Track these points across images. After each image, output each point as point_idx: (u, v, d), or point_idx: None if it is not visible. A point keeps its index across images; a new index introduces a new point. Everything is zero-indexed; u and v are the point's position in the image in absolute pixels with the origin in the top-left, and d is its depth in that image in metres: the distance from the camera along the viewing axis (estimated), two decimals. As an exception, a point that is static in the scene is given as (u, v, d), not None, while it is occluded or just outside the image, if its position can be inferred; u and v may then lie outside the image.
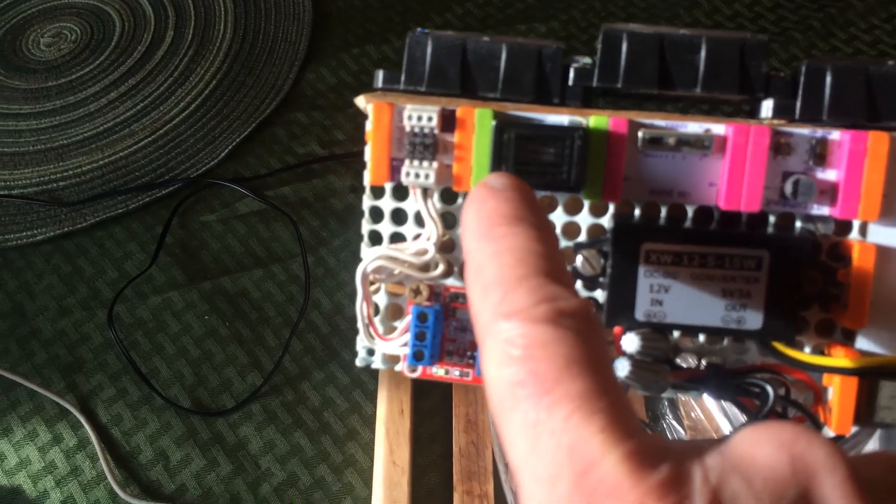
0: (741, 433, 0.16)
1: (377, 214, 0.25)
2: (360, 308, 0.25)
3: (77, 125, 0.82)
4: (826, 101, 0.23)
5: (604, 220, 0.24)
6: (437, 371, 0.26)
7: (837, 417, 0.23)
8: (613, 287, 0.23)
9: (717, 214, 0.23)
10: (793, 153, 0.23)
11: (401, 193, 0.25)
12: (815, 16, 0.86)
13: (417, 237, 0.25)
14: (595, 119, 0.22)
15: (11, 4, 0.94)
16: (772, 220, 0.23)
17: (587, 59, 0.24)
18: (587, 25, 0.87)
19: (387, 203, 0.25)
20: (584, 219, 0.24)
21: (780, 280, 0.22)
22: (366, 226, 0.25)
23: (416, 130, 0.23)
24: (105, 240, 0.74)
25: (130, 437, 0.63)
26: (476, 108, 0.23)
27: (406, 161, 0.24)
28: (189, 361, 0.66)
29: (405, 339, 0.25)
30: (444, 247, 0.25)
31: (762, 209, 0.23)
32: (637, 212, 0.23)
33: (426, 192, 0.24)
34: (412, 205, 0.25)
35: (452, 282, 0.25)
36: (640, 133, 0.23)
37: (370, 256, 0.25)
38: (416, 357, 0.25)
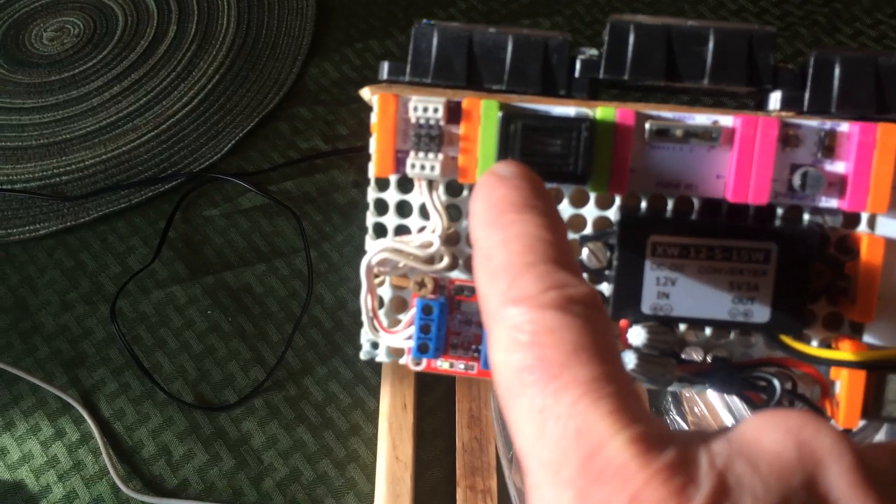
0: (748, 420, 0.16)
1: (382, 207, 0.25)
2: (365, 301, 0.25)
3: (80, 119, 0.82)
4: (835, 93, 0.23)
5: (610, 213, 0.24)
6: (442, 364, 0.26)
7: (845, 411, 0.23)
8: (620, 280, 0.23)
9: (725, 207, 0.23)
10: (801, 145, 0.22)
11: (406, 186, 0.25)
12: (821, 11, 0.85)
13: (422, 230, 0.25)
14: (602, 110, 0.22)
15: (14, -1, 0.94)
16: (779, 213, 0.23)
17: (594, 51, 0.24)
18: (591, 21, 0.87)
19: (392, 195, 0.25)
20: (590, 211, 0.24)
21: (788, 273, 0.22)
22: (370, 218, 0.25)
23: (422, 122, 0.23)
24: (108, 234, 0.74)
25: (133, 432, 0.63)
26: (482, 100, 0.23)
27: (411, 153, 0.23)
28: (192, 356, 0.66)
29: (409, 332, 0.25)
30: (450, 239, 0.25)
31: (770, 202, 0.22)
32: (644, 204, 0.23)
33: (431, 185, 0.24)
34: (417, 197, 0.25)
35: (457, 274, 0.25)
36: (647, 125, 0.22)
37: (375, 249, 0.25)
38: (421, 350, 0.25)
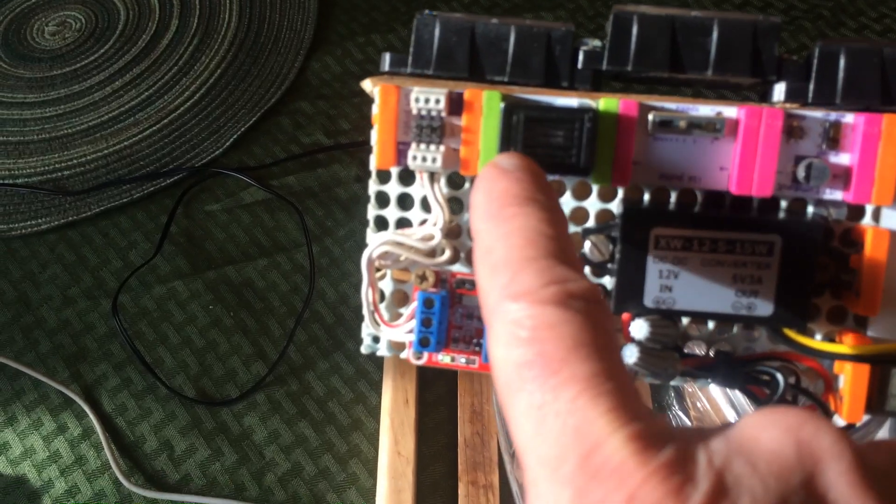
0: (747, 417, 0.16)
1: (383, 199, 0.25)
2: (366, 294, 0.25)
3: (81, 114, 0.82)
4: (840, 84, 0.23)
5: (613, 205, 0.24)
6: (443, 358, 0.26)
7: (848, 406, 0.22)
8: (622, 273, 0.23)
9: (728, 199, 0.23)
10: (806, 137, 0.22)
11: (407, 178, 0.24)
12: (825, 4, 0.85)
13: (424, 222, 0.25)
14: (605, 102, 0.22)
15: (16, -7, 0.94)
16: (783, 205, 0.23)
17: (597, 42, 0.24)
18: (595, 14, 0.86)
19: (393, 188, 0.25)
20: (593, 204, 0.24)
21: (792, 266, 0.22)
22: (371, 211, 0.25)
23: (424, 113, 0.23)
24: (109, 229, 0.74)
25: (135, 427, 0.63)
26: (484, 91, 0.22)
27: (413, 145, 0.23)
28: (193, 351, 0.66)
29: (411, 326, 0.25)
30: (451, 232, 0.25)
31: (774, 194, 0.22)
32: (647, 196, 0.23)
33: (433, 177, 0.24)
34: (418, 189, 0.24)
35: (459, 268, 0.25)
36: (651, 116, 0.22)
37: (376, 242, 0.24)
38: (422, 344, 0.25)
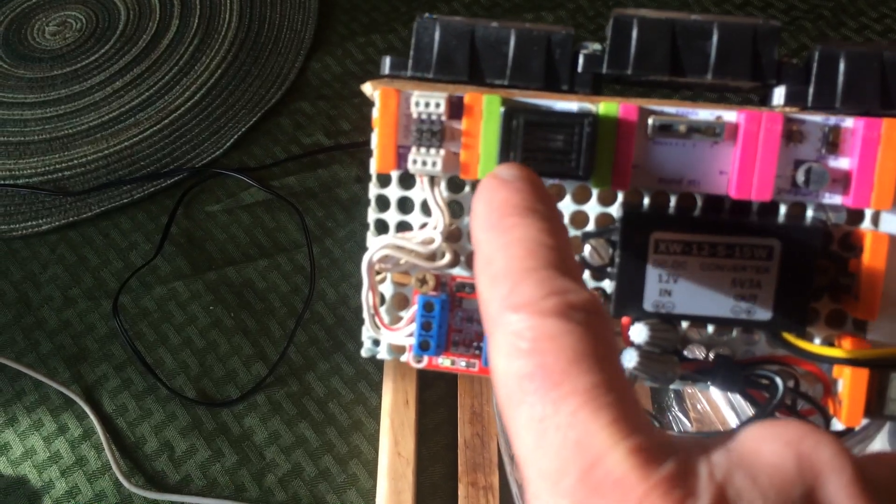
0: (748, 430, 0.16)
1: (383, 203, 0.25)
2: (366, 298, 0.25)
3: (82, 114, 0.82)
4: (839, 88, 0.23)
5: (612, 209, 0.24)
6: (443, 361, 0.26)
7: (847, 410, 0.22)
8: (622, 277, 0.23)
9: (728, 203, 0.23)
10: (805, 141, 0.22)
11: (407, 182, 0.24)
12: (826, 4, 0.85)
13: (424, 226, 0.25)
14: (605, 106, 0.22)
15: (16, -7, 0.94)
16: (783, 210, 0.23)
17: (597, 46, 0.24)
18: (595, 14, 0.86)
19: (393, 191, 0.25)
20: (593, 207, 0.24)
21: (791, 270, 0.22)
22: (372, 214, 0.25)
23: (424, 117, 0.23)
24: (110, 230, 0.74)
25: (135, 428, 0.63)
26: (484, 95, 0.23)
27: (413, 148, 0.23)
28: (194, 352, 0.66)
29: (411, 329, 0.25)
30: (451, 236, 0.25)
31: (773, 198, 0.22)
32: (646, 200, 0.23)
33: (433, 181, 0.24)
34: (419, 193, 0.24)
35: (459, 271, 0.25)
36: (651, 120, 0.22)
37: (376, 245, 0.24)
38: (422, 347, 0.25)
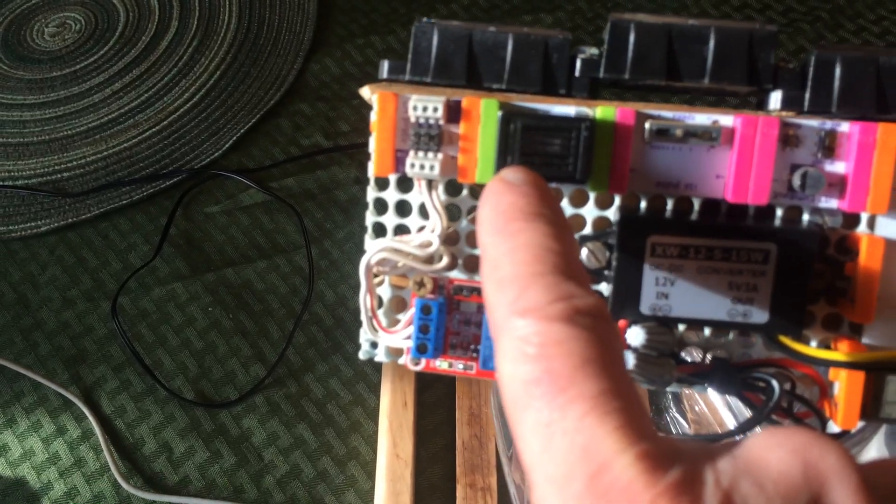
0: (754, 437, 0.16)
1: (381, 206, 0.25)
2: (364, 300, 0.25)
3: (81, 115, 0.82)
4: (835, 93, 0.23)
5: (609, 213, 0.24)
6: (441, 364, 0.26)
7: (843, 412, 0.23)
8: (619, 280, 0.23)
9: (724, 207, 0.23)
10: (801, 145, 0.22)
11: (405, 185, 0.25)
12: (824, 6, 0.85)
13: (422, 229, 0.25)
14: (602, 110, 0.22)
15: (16, -6, 0.94)
16: (779, 213, 0.23)
17: (594, 50, 0.24)
18: (594, 16, 0.86)
19: (391, 195, 0.25)
20: (590, 211, 0.24)
21: (788, 274, 0.22)
22: (370, 217, 0.25)
23: (422, 121, 0.23)
24: (109, 231, 0.74)
25: (134, 429, 0.63)
26: (482, 99, 0.23)
27: (411, 152, 0.23)
28: (192, 353, 0.66)
29: (408, 332, 0.25)
30: (449, 239, 0.25)
31: (770, 202, 0.22)
32: (643, 204, 0.23)
33: (431, 184, 0.24)
34: (416, 196, 0.24)
35: (456, 274, 0.25)
36: (647, 124, 0.22)
37: (374, 248, 0.25)
38: (420, 350, 0.25)
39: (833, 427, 0.23)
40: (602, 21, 0.85)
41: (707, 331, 0.24)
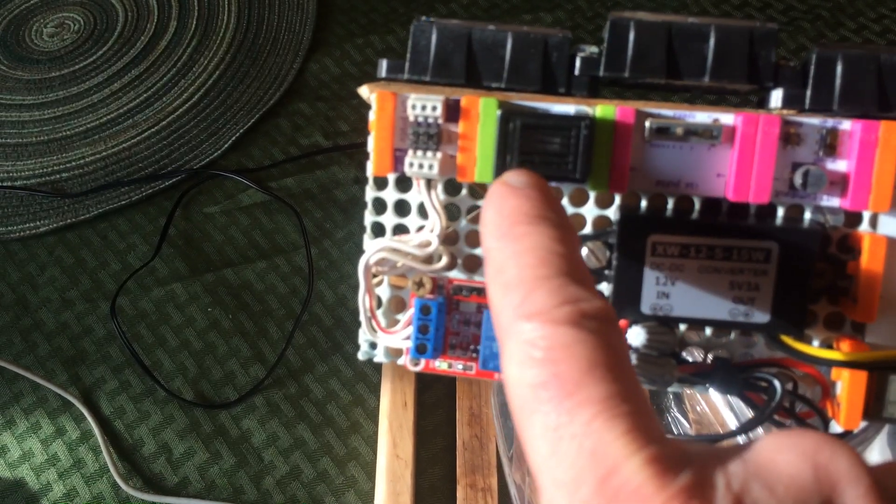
0: (764, 440, 0.16)
1: (380, 206, 0.25)
2: (363, 301, 0.25)
3: (80, 116, 0.82)
4: (837, 91, 0.23)
5: (610, 212, 0.24)
6: (440, 365, 0.26)
7: (846, 412, 0.22)
8: (619, 280, 0.23)
9: (725, 206, 0.23)
10: (802, 143, 0.22)
11: (404, 184, 0.24)
12: (824, 5, 0.85)
13: (421, 229, 0.25)
14: (602, 108, 0.22)
15: (14, -5, 0.94)
16: (780, 212, 0.23)
17: (594, 48, 0.24)
18: (593, 15, 0.86)
19: (390, 194, 0.25)
20: (590, 210, 0.24)
21: (789, 273, 0.22)
22: (368, 217, 0.25)
23: (420, 120, 0.23)
24: (108, 231, 0.74)
25: (133, 430, 0.63)
26: (481, 97, 0.22)
27: (409, 151, 0.23)
28: (192, 354, 0.66)
29: (408, 333, 0.25)
30: (448, 239, 0.25)
31: (771, 200, 0.22)
32: (644, 203, 0.23)
33: (430, 183, 0.24)
34: (415, 196, 0.24)
35: (456, 274, 0.25)
36: (648, 123, 0.22)
37: (373, 248, 0.24)
38: (419, 350, 0.25)
39: (835, 427, 0.23)
40: (602, 20, 0.85)
41: (708, 330, 0.24)
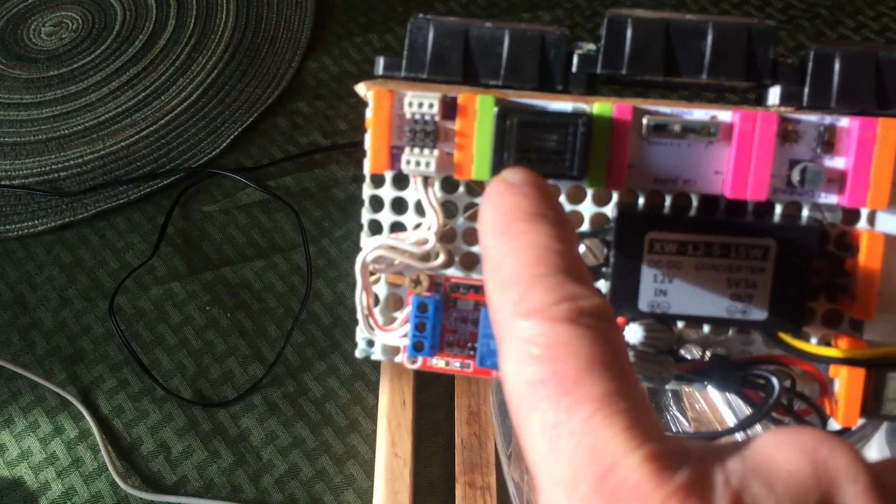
0: (763, 437, 0.16)
1: (377, 203, 0.25)
2: (360, 298, 0.25)
3: (78, 115, 0.82)
4: (835, 88, 0.23)
5: (607, 209, 0.24)
6: (438, 362, 0.25)
7: (844, 409, 0.22)
8: (616, 277, 0.23)
9: (723, 203, 0.23)
10: (800, 140, 0.22)
11: (401, 182, 0.24)
12: (823, 3, 0.85)
13: (418, 226, 0.25)
14: (599, 106, 0.22)
15: (12, -7, 0.94)
16: (778, 209, 0.23)
17: (591, 46, 0.24)
18: (592, 13, 0.86)
19: (387, 192, 0.25)
20: (588, 207, 0.24)
21: (787, 270, 0.22)
22: (366, 215, 0.25)
23: (417, 118, 0.23)
24: (106, 230, 0.74)
25: (132, 429, 0.62)
26: (478, 95, 0.22)
27: (406, 149, 0.23)
28: (190, 352, 0.66)
29: (405, 330, 0.25)
30: (445, 236, 0.25)
31: (769, 197, 0.22)
32: (641, 200, 0.23)
33: (427, 181, 0.24)
34: (413, 193, 0.24)
35: (453, 272, 0.25)
36: (645, 120, 0.22)
37: (370, 246, 0.24)
38: (416, 348, 0.25)
39: (833, 424, 0.23)
40: (600, 18, 0.85)
41: (706, 328, 0.24)
